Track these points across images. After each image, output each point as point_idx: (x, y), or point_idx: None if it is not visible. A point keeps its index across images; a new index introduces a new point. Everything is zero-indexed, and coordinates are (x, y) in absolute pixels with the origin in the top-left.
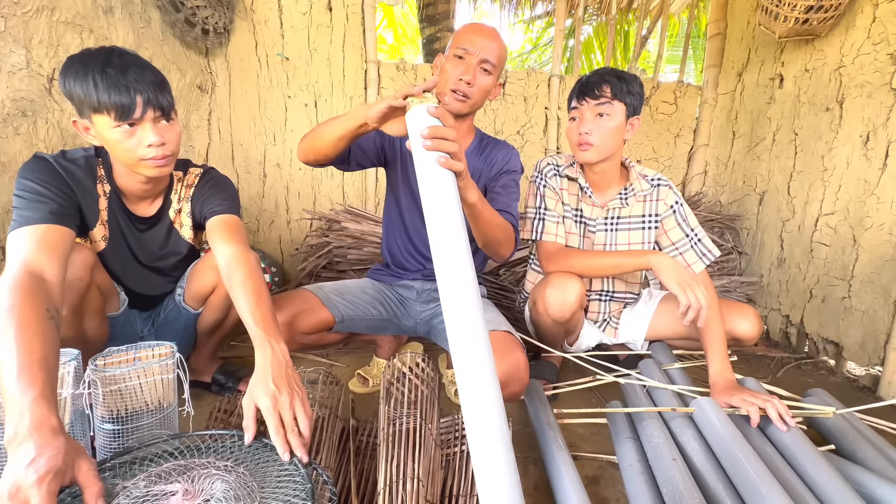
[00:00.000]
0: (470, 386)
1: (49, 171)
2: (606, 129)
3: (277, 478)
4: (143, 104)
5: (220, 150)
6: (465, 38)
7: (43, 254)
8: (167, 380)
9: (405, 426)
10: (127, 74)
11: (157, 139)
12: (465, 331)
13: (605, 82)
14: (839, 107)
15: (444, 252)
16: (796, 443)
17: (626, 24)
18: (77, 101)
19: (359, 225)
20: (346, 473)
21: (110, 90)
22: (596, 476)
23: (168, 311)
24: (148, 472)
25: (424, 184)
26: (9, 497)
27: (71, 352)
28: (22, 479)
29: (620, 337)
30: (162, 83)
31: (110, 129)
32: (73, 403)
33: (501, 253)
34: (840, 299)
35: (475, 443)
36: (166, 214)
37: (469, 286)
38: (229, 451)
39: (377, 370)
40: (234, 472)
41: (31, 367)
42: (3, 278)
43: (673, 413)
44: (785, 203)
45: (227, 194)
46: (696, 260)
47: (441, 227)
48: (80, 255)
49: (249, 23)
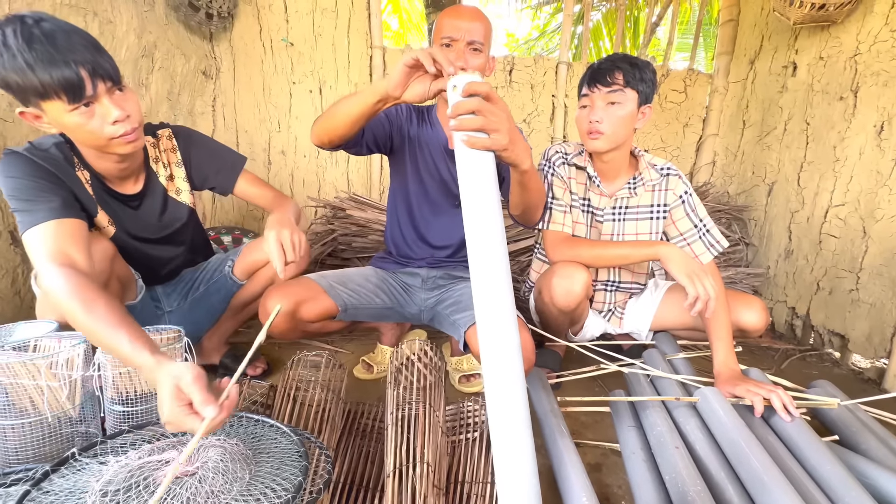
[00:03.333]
0: (496, 362)
1: (31, 165)
2: (617, 117)
3: (270, 449)
4: (90, 77)
5: (225, 137)
6: (447, 26)
7: (67, 246)
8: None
9: (413, 412)
10: (56, 43)
11: (121, 112)
12: (494, 304)
13: (618, 69)
14: (853, 96)
15: (479, 230)
16: (799, 432)
17: (636, 10)
18: (16, 89)
19: (363, 213)
20: (350, 453)
21: (49, 68)
22: (598, 463)
23: (212, 283)
24: (141, 448)
25: (463, 161)
26: (175, 398)
27: (79, 335)
28: (181, 378)
29: (625, 327)
30: (95, 45)
31: (66, 114)
32: (83, 385)
33: (536, 218)
34: (847, 291)
35: (497, 423)
36: (156, 184)
37: (502, 265)
38: (223, 429)
39: (381, 357)
40: (228, 443)
41: (124, 323)
42: (44, 275)
43: (676, 402)
44: (794, 194)
45: (218, 152)
46: (704, 251)
47: (479, 211)
48: (100, 245)
49: (254, 7)
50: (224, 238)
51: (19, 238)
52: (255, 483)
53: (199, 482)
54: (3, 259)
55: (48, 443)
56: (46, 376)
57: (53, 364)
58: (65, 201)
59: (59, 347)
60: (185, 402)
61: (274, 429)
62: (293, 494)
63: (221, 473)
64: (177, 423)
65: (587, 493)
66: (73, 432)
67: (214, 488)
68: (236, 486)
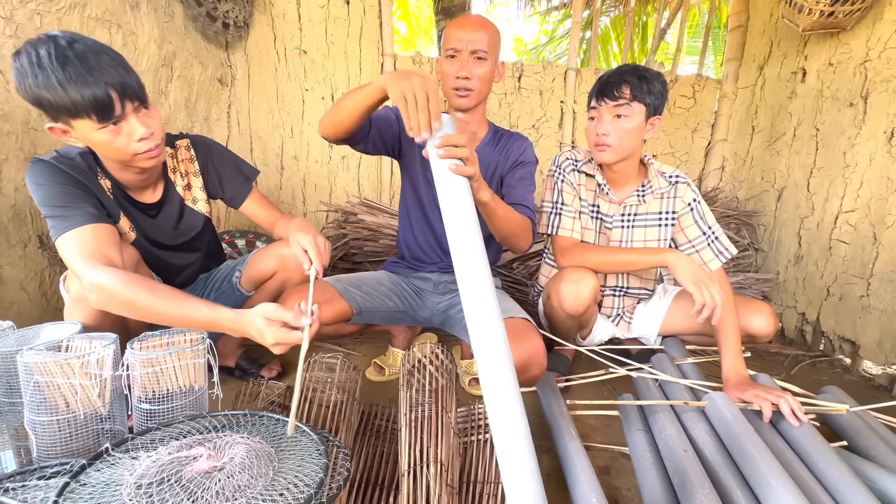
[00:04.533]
0: (489, 373)
1: (59, 173)
2: (624, 130)
3: (291, 448)
4: (119, 98)
5: (239, 143)
6: (452, 38)
7: (106, 248)
8: (198, 364)
9: (425, 413)
10: (88, 64)
11: (146, 130)
12: (482, 321)
13: (625, 83)
14: (863, 102)
15: (462, 249)
16: (808, 438)
17: (645, 15)
18: (48, 107)
19: (375, 217)
20: (365, 453)
21: (81, 88)
22: (607, 466)
23: (220, 292)
24: (169, 444)
25: (441, 187)
26: (270, 325)
27: (109, 336)
28: (265, 311)
29: (633, 331)
30: (123, 64)
31: (94, 132)
32: (112, 384)
33: (520, 245)
34: (858, 297)
35: (497, 425)
36: (174, 194)
37: (484, 280)
38: (244, 428)
39: (393, 359)
40: (253, 441)
41: (187, 294)
42: (89, 274)
43: (685, 406)
44: (804, 200)
45: (233, 165)
46: (713, 258)
47: (458, 226)
48: (126, 252)
49: (268, 16)
50: (238, 242)
51: (47, 242)
52: (279, 479)
53: (228, 477)
54: (31, 262)
55: (78, 438)
56: (80, 375)
57: (85, 363)
58: (95, 207)
59: (91, 348)
60: (280, 325)
61: (295, 429)
62: (315, 490)
63: (247, 469)
64: (284, 340)
65: (596, 494)
66: (100, 429)
67: (241, 483)
68: (261, 481)
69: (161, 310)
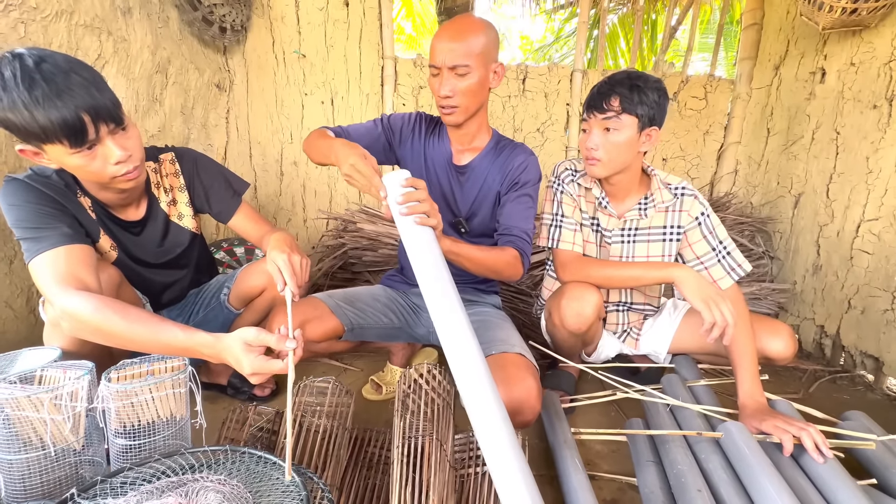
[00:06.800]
0: (479, 421)
1: (33, 192)
2: (613, 144)
3: (271, 490)
4: (92, 122)
5: (238, 149)
6: (432, 53)
7: (79, 271)
8: (179, 394)
9: (420, 444)
10: (57, 86)
11: (123, 153)
12: (465, 367)
13: (615, 94)
14: (888, 104)
15: (436, 301)
16: (833, 475)
17: (654, 13)
18: (16, 131)
19: (374, 226)
20: (356, 487)
21: (49, 112)
22: (615, 499)
23: (209, 309)
24: (139, 491)
25: (408, 242)
26: (249, 352)
27: (85, 365)
28: (244, 335)
29: (641, 348)
30: (95, 82)
31: (68, 157)
32: (88, 417)
33: (506, 278)
34: (882, 311)
35: (495, 472)
36: (158, 210)
37: (462, 330)
38: (222, 465)
39: (391, 377)
40: (229, 485)
41: (162, 318)
42: (61, 299)
43: (698, 437)
44: (823, 206)
45: (221, 178)
46: (724, 275)
47: (428, 275)
48: (105, 273)
49: (266, 20)
50: (237, 249)
51: None
52: None
53: None
54: (17, 279)
55: (53, 471)
56: (49, 409)
57: (57, 397)
58: (71, 227)
59: (64, 379)
60: (259, 352)
61: (276, 467)
62: None
63: None
64: (261, 370)
65: None
66: (77, 461)
67: None
68: None
69: (135, 336)
